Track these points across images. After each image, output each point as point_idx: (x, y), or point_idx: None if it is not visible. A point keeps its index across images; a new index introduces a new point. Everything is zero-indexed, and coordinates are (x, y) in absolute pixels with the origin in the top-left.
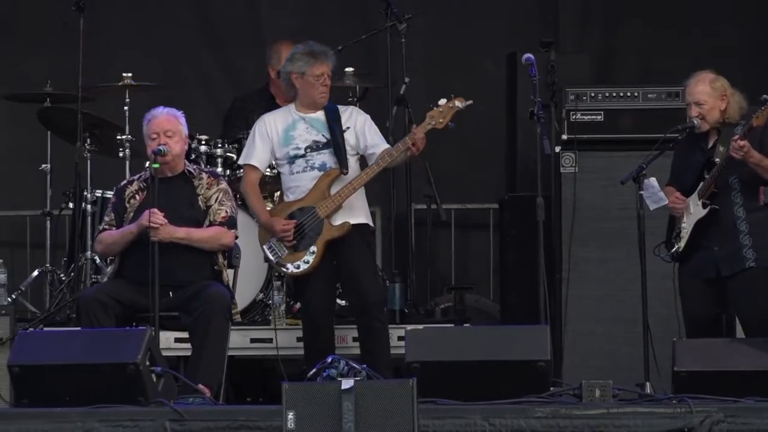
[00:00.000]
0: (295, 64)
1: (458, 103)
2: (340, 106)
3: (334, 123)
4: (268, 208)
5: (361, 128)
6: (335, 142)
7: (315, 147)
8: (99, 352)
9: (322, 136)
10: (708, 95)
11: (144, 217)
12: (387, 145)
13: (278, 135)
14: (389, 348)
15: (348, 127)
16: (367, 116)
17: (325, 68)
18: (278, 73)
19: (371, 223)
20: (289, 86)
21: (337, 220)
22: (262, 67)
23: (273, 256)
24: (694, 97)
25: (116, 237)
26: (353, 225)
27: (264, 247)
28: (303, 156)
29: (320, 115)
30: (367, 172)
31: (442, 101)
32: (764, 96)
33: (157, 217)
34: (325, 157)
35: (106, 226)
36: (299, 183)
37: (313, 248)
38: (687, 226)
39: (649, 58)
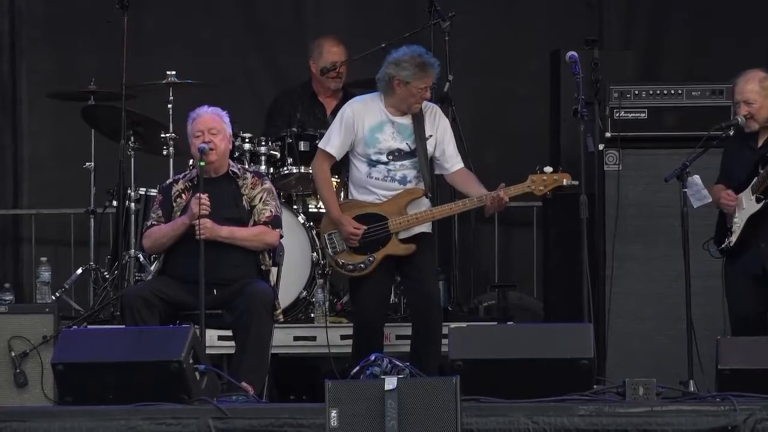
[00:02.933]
0: (402, 72)
1: (565, 181)
2: (423, 103)
3: (419, 131)
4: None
5: (441, 137)
6: (420, 155)
7: (398, 155)
8: (143, 350)
9: (406, 145)
10: (757, 94)
11: (194, 202)
12: (461, 164)
13: (363, 132)
14: (440, 349)
15: (430, 135)
16: (448, 123)
17: (431, 81)
18: (323, 70)
19: (430, 230)
20: (387, 87)
21: (404, 235)
22: (307, 64)
23: (331, 247)
24: (743, 95)
25: (167, 230)
26: (417, 234)
27: (325, 235)
28: (385, 163)
29: (408, 120)
30: (451, 207)
31: (548, 169)
32: None
33: (204, 199)
34: (407, 171)
35: (155, 222)
36: (375, 190)
37: (372, 257)
38: (739, 221)
39: (695, 56)
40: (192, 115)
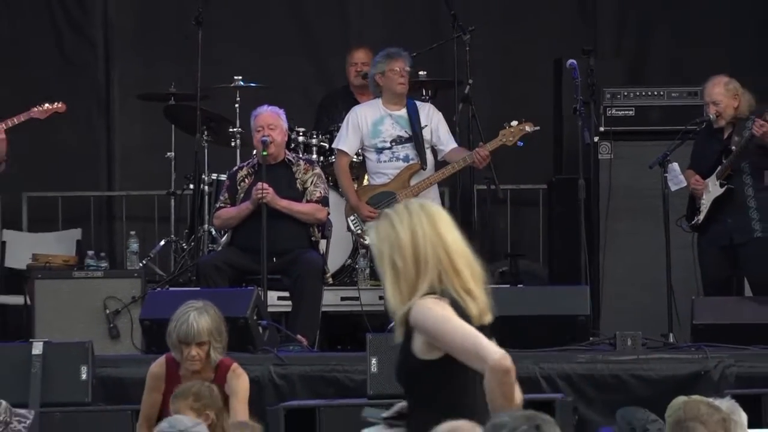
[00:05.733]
0: (376, 67)
1: (527, 128)
2: (418, 103)
3: (415, 121)
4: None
5: (435, 126)
6: (416, 139)
7: (399, 141)
8: None
9: (405, 132)
10: (723, 95)
11: (256, 188)
12: (455, 144)
13: (368, 127)
14: None
15: (426, 125)
16: (441, 115)
17: (401, 63)
18: (364, 76)
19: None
20: (375, 87)
21: None
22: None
23: (354, 227)
24: (711, 97)
25: (233, 213)
26: None
27: (348, 218)
28: (389, 148)
29: (404, 112)
30: (443, 171)
31: (514, 123)
32: None
33: (265, 186)
34: (408, 150)
35: (222, 204)
36: (385, 171)
37: None
38: (706, 202)
39: (676, 61)
40: (254, 113)
